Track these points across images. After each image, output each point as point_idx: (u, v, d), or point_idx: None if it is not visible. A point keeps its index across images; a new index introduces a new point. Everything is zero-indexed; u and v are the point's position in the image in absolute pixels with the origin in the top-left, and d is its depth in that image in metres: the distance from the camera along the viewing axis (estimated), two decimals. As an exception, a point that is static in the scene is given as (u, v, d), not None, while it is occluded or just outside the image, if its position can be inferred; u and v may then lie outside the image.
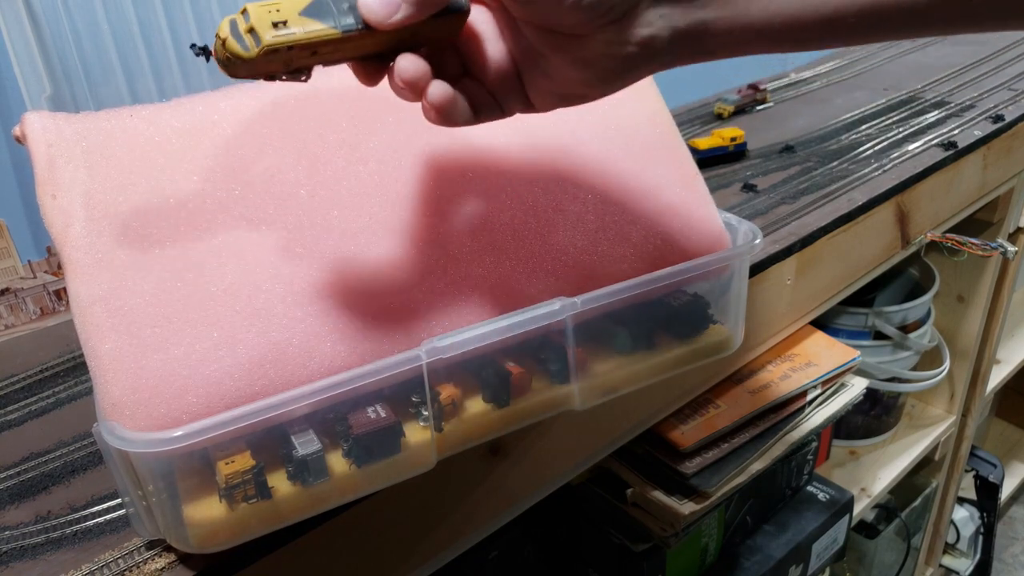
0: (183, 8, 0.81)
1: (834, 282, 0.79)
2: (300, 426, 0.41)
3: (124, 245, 0.41)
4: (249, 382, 0.40)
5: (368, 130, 0.47)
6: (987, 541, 1.52)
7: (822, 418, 0.77)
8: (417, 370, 0.42)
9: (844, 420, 1.12)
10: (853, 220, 0.76)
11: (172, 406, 0.39)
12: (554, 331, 0.46)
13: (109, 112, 0.44)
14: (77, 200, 0.41)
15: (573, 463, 0.59)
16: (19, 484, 0.49)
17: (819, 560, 0.90)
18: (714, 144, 0.90)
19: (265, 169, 0.44)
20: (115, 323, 0.39)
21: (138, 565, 0.41)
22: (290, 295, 0.42)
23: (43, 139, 0.41)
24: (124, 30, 0.77)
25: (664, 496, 0.69)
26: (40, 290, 0.76)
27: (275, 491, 0.41)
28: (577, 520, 0.77)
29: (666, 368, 0.52)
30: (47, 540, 0.44)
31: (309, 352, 0.42)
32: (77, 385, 0.59)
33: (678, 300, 0.52)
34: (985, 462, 1.45)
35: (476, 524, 0.54)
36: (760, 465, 0.71)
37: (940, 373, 1.07)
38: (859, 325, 1.00)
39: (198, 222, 0.42)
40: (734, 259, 0.51)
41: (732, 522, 0.83)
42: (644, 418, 0.64)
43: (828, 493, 0.91)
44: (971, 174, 0.93)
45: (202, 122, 0.44)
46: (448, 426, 0.45)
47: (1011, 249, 0.96)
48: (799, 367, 0.77)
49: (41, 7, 0.71)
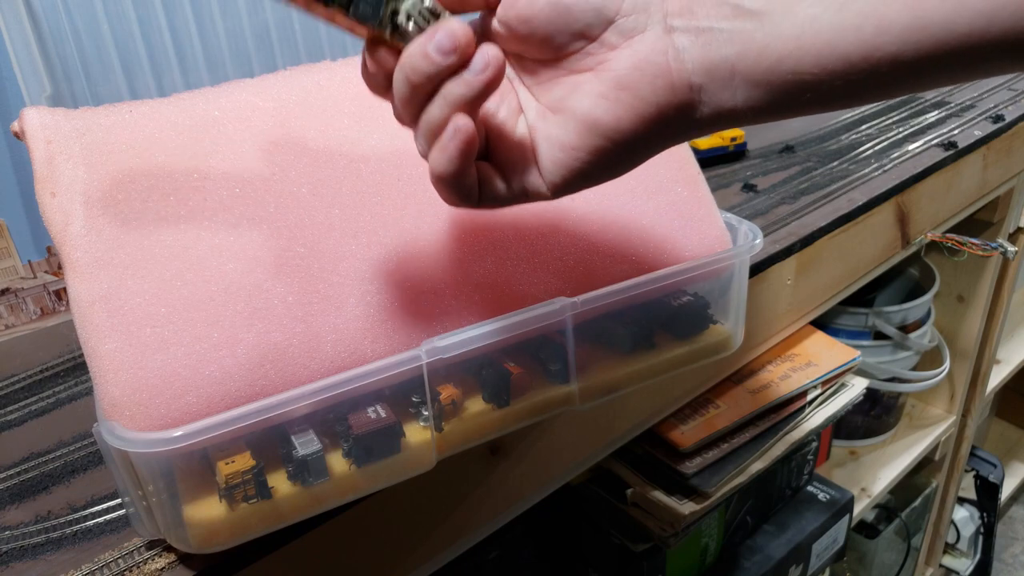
0: (183, 7, 0.81)
1: (834, 282, 0.79)
2: (300, 426, 0.41)
3: (124, 244, 0.40)
4: (249, 382, 0.40)
5: (370, 128, 0.47)
6: (987, 541, 1.52)
7: (822, 418, 0.77)
8: (417, 370, 0.42)
9: (844, 420, 1.13)
10: (853, 220, 0.76)
11: (172, 406, 0.39)
12: (554, 331, 0.46)
13: (108, 108, 0.43)
14: (76, 198, 0.41)
15: (573, 463, 0.59)
16: (19, 484, 0.49)
17: (819, 560, 0.90)
18: (714, 144, 0.90)
19: (266, 167, 0.44)
20: (115, 323, 0.39)
21: (138, 565, 0.41)
22: (290, 295, 0.42)
23: (42, 136, 0.41)
24: (124, 29, 0.77)
25: (664, 496, 0.69)
26: (40, 290, 0.76)
27: (275, 491, 0.41)
28: (577, 520, 0.77)
29: (666, 368, 0.52)
30: (47, 540, 0.44)
31: (309, 352, 0.42)
32: (77, 385, 0.59)
33: (678, 300, 0.52)
34: (985, 462, 1.45)
35: (476, 524, 0.54)
36: (760, 465, 0.71)
37: (940, 373, 1.07)
38: (859, 325, 1.00)
39: (198, 220, 0.42)
40: (734, 259, 0.51)
41: (732, 522, 0.83)
42: (644, 418, 0.64)
43: (828, 493, 0.91)
44: (971, 174, 0.93)
45: (203, 119, 0.44)
46: (448, 426, 0.45)
47: (1011, 249, 0.96)
48: (799, 367, 0.77)
49: (41, 6, 0.71)
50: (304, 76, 0.47)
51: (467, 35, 0.30)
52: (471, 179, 0.33)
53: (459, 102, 0.31)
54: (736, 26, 0.30)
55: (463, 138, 0.31)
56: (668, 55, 0.31)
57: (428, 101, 0.31)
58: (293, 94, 0.46)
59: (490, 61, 0.30)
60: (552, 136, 0.33)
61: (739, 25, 0.30)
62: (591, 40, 0.32)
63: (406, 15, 0.31)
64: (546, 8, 0.31)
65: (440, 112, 0.31)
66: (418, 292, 0.45)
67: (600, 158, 0.33)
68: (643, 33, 0.31)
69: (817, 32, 0.29)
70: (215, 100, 0.45)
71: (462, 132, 0.31)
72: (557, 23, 0.32)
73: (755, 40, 0.30)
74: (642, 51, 0.31)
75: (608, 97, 0.32)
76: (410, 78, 0.31)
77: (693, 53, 0.31)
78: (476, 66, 0.30)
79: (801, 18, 0.29)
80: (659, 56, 0.31)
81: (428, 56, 0.30)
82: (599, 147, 0.32)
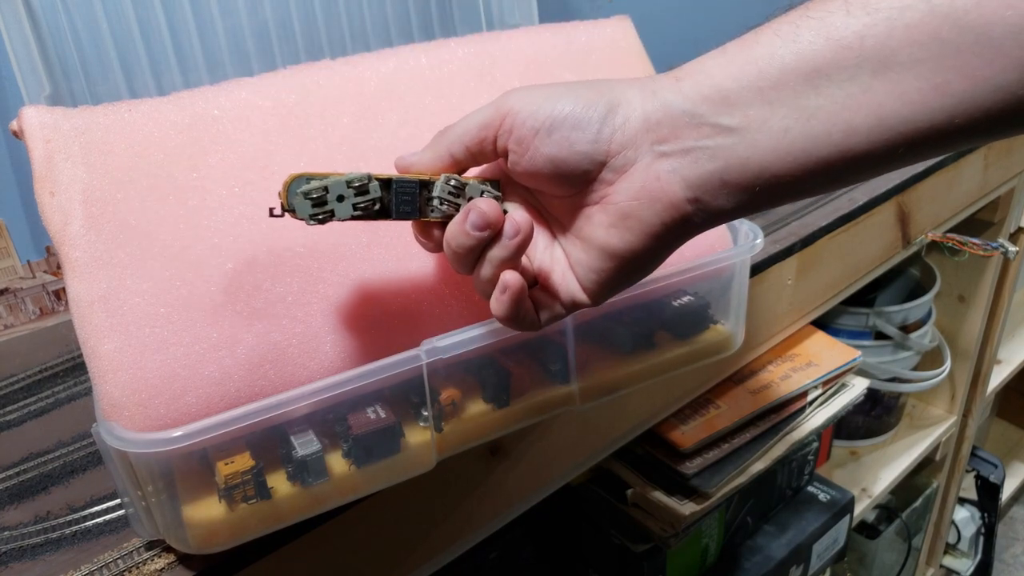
0: (183, 7, 0.81)
1: (835, 282, 0.79)
2: (300, 426, 0.41)
3: (123, 244, 0.40)
4: (249, 382, 0.40)
5: (370, 127, 0.47)
6: (988, 541, 1.52)
7: (823, 418, 0.77)
8: (417, 370, 0.42)
9: (845, 420, 1.12)
10: (854, 220, 0.76)
11: (172, 406, 0.39)
12: (554, 331, 0.46)
13: (107, 107, 0.43)
14: (76, 197, 0.40)
15: (573, 463, 0.59)
16: (18, 484, 0.49)
17: (820, 561, 0.90)
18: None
19: (265, 166, 0.44)
20: (115, 323, 0.39)
21: (137, 565, 0.41)
22: (290, 295, 0.42)
23: (40, 135, 0.41)
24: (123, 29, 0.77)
25: (664, 496, 0.69)
26: (39, 290, 0.76)
27: (275, 491, 0.41)
28: (577, 520, 0.77)
29: (666, 368, 0.52)
30: (46, 540, 0.44)
31: (309, 352, 0.42)
32: (77, 385, 0.59)
33: (678, 300, 0.52)
34: (986, 462, 1.45)
35: (476, 524, 0.54)
36: (761, 465, 0.71)
37: (941, 373, 1.06)
38: (860, 325, 1.00)
39: (198, 220, 0.42)
40: (734, 259, 0.51)
41: (732, 522, 0.83)
42: (644, 418, 0.64)
43: (829, 493, 0.91)
44: (972, 174, 0.93)
45: (202, 118, 0.44)
46: (448, 426, 0.45)
47: (1012, 249, 0.96)
48: (800, 367, 0.77)
49: (40, 6, 0.71)
50: (304, 75, 0.47)
51: (494, 211, 0.36)
52: (529, 314, 0.38)
53: (502, 262, 0.36)
54: (718, 143, 0.33)
55: (513, 292, 0.36)
56: (661, 179, 0.34)
57: (476, 262, 0.37)
58: (293, 93, 0.46)
59: (520, 227, 0.36)
60: (580, 261, 0.38)
61: (720, 141, 0.33)
62: (591, 181, 0.36)
63: (439, 201, 0.37)
64: (545, 163, 0.36)
65: (489, 271, 0.37)
66: (418, 292, 0.45)
67: (623, 274, 0.37)
68: (635, 165, 0.35)
69: (792, 142, 0.32)
70: (215, 99, 0.45)
71: (511, 288, 0.36)
72: (557, 174, 0.36)
73: (736, 153, 0.33)
74: (637, 182, 0.35)
75: (616, 226, 0.36)
76: (456, 252, 0.37)
77: (684, 172, 0.34)
78: (509, 232, 0.36)
79: (775, 130, 0.32)
80: (653, 183, 0.34)
81: (467, 233, 0.36)
82: (620, 267, 0.37)
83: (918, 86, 0.29)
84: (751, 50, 0.32)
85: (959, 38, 0.28)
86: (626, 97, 0.35)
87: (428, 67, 0.49)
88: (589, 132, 0.34)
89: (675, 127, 0.34)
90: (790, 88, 0.31)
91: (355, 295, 0.43)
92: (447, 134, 0.38)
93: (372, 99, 0.47)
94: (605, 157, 0.35)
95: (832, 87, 0.31)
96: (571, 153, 0.35)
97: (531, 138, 0.35)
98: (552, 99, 0.35)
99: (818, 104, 0.31)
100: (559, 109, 0.35)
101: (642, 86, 0.35)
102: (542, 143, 0.35)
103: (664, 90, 0.34)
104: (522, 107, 0.35)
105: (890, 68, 0.30)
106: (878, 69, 0.30)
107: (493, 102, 0.37)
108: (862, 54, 0.30)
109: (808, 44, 0.31)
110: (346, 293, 0.43)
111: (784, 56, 0.31)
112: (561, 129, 0.35)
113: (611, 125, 0.34)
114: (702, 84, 0.33)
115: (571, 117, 0.35)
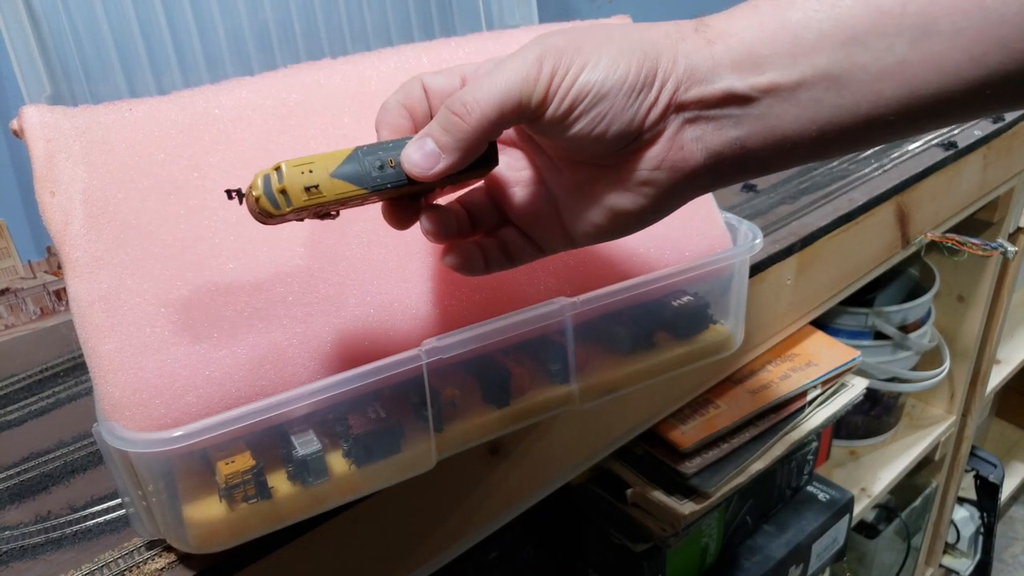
0: (183, 7, 0.81)
1: (834, 282, 0.79)
2: (300, 426, 0.41)
3: (124, 243, 0.40)
4: (249, 382, 0.40)
5: (370, 126, 0.46)
6: (987, 541, 1.52)
7: (822, 418, 0.77)
8: (417, 370, 0.42)
9: (844, 420, 1.12)
10: (853, 220, 0.76)
11: (172, 406, 0.39)
12: (554, 331, 0.46)
13: (108, 106, 0.43)
14: (76, 197, 0.40)
15: (573, 463, 0.59)
16: (19, 484, 0.49)
17: (819, 560, 0.90)
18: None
19: (265, 165, 0.44)
20: (115, 323, 0.39)
21: (138, 565, 0.41)
22: (290, 295, 0.42)
23: (41, 134, 0.41)
24: (124, 28, 0.77)
25: (664, 496, 0.69)
26: (40, 290, 0.76)
27: (275, 491, 0.41)
28: (577, 520, 0.77)
29: (666, 368, 0.52)
30: (47, 540, 0.44)
31: (309, 352, 0.42)
32: (77, 385, 0.59)
33: (678, 300, 0.52)
34: (985, 462, 1.45)
35: (476, 524, 0.54)
36: (760, 465, 0.71)
37: (940, 373, 1.07)
38: (859, 325, 1.00)
39: (199, 220, 0.42)
40: (734, 259, 0.51)
41: (732, 522, 0.83)
42: (644, 418, 0.64)
43: (828, 493, 0.91)
44: (971, 174, 0.93)
45: (203, 117, 0.44)
46: (448, 426, 0.45)
47: (1011, 249, 0.96)
48: (799, 367, 0.77)
49: (40, 5, 0.71)
50: (305, 74, 0.47)
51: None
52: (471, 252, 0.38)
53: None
54: (746, 111, 0.33)
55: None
56: (685, 149, 0.34)
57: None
58: (293, 92, 0.46)
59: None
60: (576, 211, 0.37)
61: (748, 110, 0.33)
62: (614, 153, 0.34)
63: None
64: (571, 139, 0.34)
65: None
66: (418, 292, 0.45)
67: (623, 231, 0.37)
68: (662, 135, 0.34)
69: (818, 111, 0.32)
70: (215, 98, 0.45)
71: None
72: (578, 148, 0.35)
73: (762, 122, 0.33)
74: (661, 152, 0.34)
75: (632, 191, 0.35)
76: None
77: (707, 139, 0.34)
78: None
79: (805, 100, 0.32)
80: (677, 153, 0.34)
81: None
82: (623, 226, 0.37)
83: (955, 57, 0.29)
84: (786, 12, 0.31)
85: (1003, 7, 0.28)
86: (661, 64, 0.33)
87: (429, 67, 0.49)
88: (627, 114, 0.33)
89: (703, 94, 0.33)
90: (824, 56, 0.31)
91: (355, 295, 0.43)
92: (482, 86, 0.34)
93: (373, 98, 0.47)
94: (637, 133, 0.33)
95: (868, 56, 0.30)
96: (604, 131, 0.33)
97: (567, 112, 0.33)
98: (592, 68, 0.32)
99: (851, 75, 0.30)
100: (597, 79, 0.32)
101: (673, 47, 0.33)
102: (576, 118, 0.33)
103: (695, 53, 0.33)
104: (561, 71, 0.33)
105: (930, 36, 0.29)
106: (918, 37, 0.29)
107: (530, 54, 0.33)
108: (903, 21, 0.29)
109: (848, 9, 0.30)
110: (346, 293, 0.43)
111: (822, 22, 0.30)
112: (599, 106, 0.32)
113: (647, 101, 0.33)
114: (734, 49, 0.32)
115: (610, 95, 0.32)
